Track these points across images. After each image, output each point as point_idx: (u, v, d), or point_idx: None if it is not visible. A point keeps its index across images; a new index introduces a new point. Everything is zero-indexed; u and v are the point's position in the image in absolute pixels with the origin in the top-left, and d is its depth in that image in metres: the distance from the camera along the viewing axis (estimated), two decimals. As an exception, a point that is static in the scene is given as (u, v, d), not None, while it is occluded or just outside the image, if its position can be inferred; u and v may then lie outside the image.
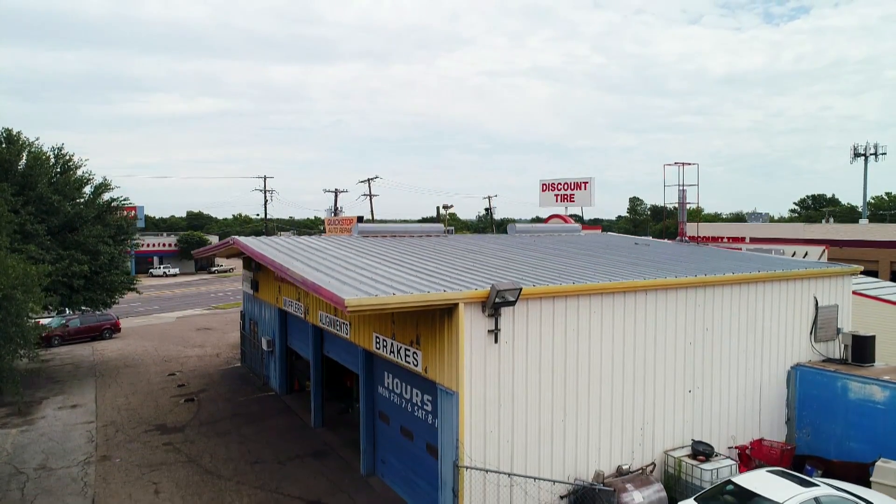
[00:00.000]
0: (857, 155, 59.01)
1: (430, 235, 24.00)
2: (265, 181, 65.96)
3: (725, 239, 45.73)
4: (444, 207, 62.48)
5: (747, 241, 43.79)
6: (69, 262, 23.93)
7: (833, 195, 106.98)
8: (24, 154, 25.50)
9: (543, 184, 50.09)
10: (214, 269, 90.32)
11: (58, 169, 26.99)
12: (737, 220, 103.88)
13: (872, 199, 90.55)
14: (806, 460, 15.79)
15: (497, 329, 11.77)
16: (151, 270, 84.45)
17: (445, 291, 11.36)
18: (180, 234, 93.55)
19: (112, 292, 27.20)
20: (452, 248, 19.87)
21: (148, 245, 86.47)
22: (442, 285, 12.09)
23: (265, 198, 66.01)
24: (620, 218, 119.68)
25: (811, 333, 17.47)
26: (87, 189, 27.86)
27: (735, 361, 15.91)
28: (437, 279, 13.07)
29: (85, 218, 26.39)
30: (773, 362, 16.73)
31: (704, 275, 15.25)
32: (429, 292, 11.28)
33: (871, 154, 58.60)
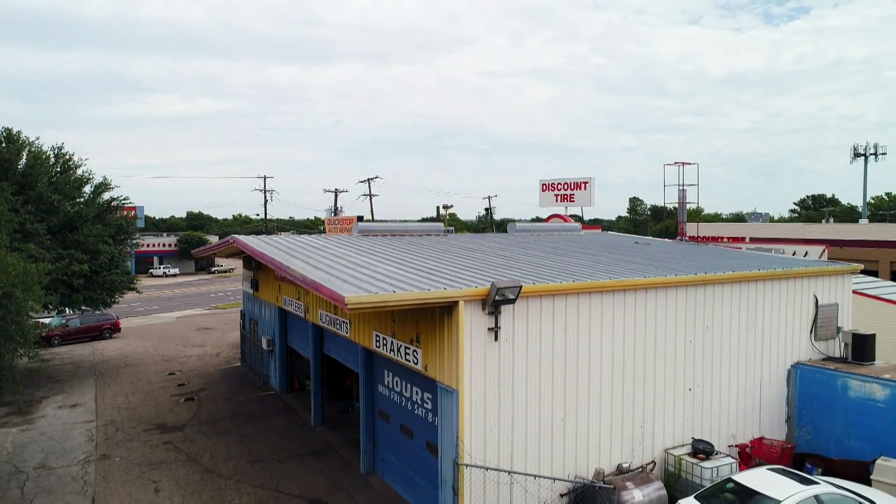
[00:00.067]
0: (857, 155, 58.99)
1: (430, 235, 23.99)
2: (265, 181, 66.02)
3: (725, 239, 45.72)
4: (444, 207, 62.44)
5: (747, 241, 43.79)
6: (69, 262, 23.91)
7: (833, 195, 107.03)
8: (24, 153, 25.49)
9: (543, 184, 50.01)
10: (214, 270, 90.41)
11: (58, 168, 26.98)
12: (737, 221, 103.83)
13: (872, 199, 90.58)
14: (806, 459, 15.78)
15: (497, 327, 11.77)
16: (151, 270, 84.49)
17: (445, 289, 11.37)
18: (180, 235, 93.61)
19: (112, 292, 27.21)
20: (452, 247, 19.87)
21: (148, 245, 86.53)
22: (442, 283, 12.09)
23: (265, 198, 66.05)
24: (620, 218, 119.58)
25: (811, 332, 17.47)
26: (87, 188, 27.88)
27: (735, 360, 15.91)
28: (438, 277, 13.07)
29: (85, 217, 26.38)
30: (774, 361, 16.72)
31: (704, 273, 15.24)
32: (429, 290, 11.28)
33: (871, 154, 58.58)
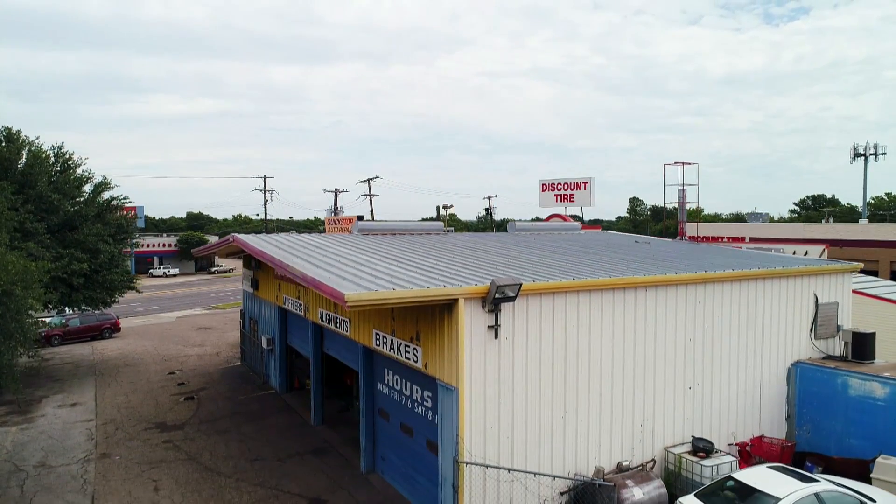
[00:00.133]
0: (857, 155, 58.97)
1: (430, 233, 23.99)
2: (265, 181, 65.98)
3: (725, 239, 45.72)
4: (444, 207, 62.46)
5: (747, 241, 43.78)
6: (69, 261, 23.90)
7: (833, 195, 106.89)
8: (24, 152, 25.48)
9: (543, 184, 49.97)
10: (214, 270, 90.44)
11: (57, 167, 26.96)
12: (737, 221, 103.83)
13: (872, 200, 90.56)
14: (806, 457, 15.78)
15: (497, 325, 11.76)
16: (151, 271, 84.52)
17: (445, 287, 11.36)
18: (180, 235, 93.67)
19: (112, 291, 27.20)
20: (452, 246, 19.87)
21: (148, 245, 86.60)
22: (442, 281, 12.08)
23: (265, 198, 66.00)
24: (620, 218, 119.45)
25: (811, 330, 17.46)
26: (87, 188, 27.86)
27: (735, 358, 15.90)
28: (437, 275, 13.07)
29: (85, 216, 26.38)
30: (774, 359, 16.72)
31: (704, 271, 15.23)
32: (429, 287, 11.28)
33: (871, 154, 58.56)
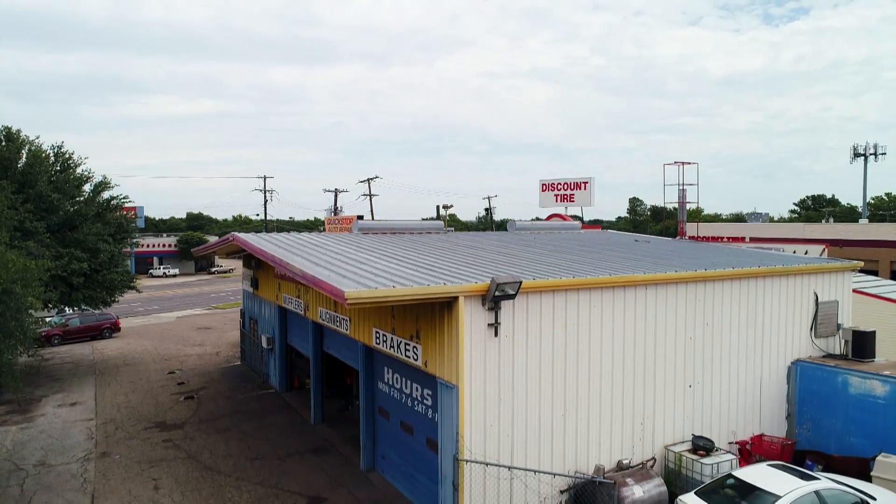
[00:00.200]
0: (857, 155, 58.97)
1: (430, 232, 23.99)
2: (265, 181, 65.94)
3: (725, 239, 45.73)
4: (444, 207, 62.46)
5: (747, 241, 43.79)
6: (68, 260, 23.89)
7: (833, 196, 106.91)
8: (24, 152, 25.48)
9: (543, 184, 49.93)
10: (214, 270, 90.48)
11: (57, 167, 26.96)
12: (737, 221, 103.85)
13: (872, 200, 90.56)
14: (806, 455, 15.77)
15: (497, 323, 11.76)
16: (151, 271, 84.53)
17: (445, 285, 11.36)
18: (180, 235, 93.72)
19: (112, 290, 27.19)
20: (452, 245, 19.86)
21: (148, 246, 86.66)
22: (442, 279, 12.08)
23: (265, 198, 65.97)
24: (620, 219, 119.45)
25: (811, 329, 17.46)
26: (87, 187, 27.86)
27: (735, 357, 15.89)
28: (437, 273, 13.06)
29: (85, 216, 26.37)
30: (774, 358, 16.71)
31: (704, 270, 15.23)
32: (429, 285, 11.27)
33: (871, 154, 58.54)
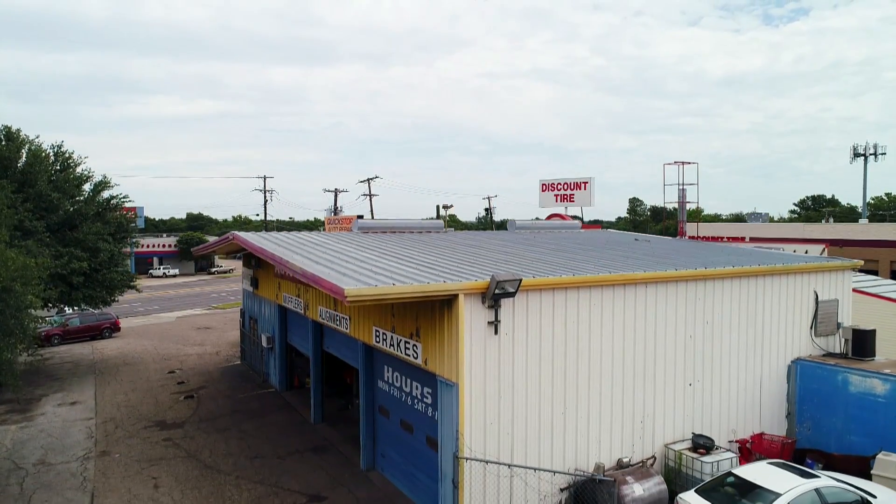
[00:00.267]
0: (857, 155, 58.97)
1: (430, 231, 23.98)
2: (265, 181, 65.95)
3: (725, 239, 45.72)
4: (444, 207, 62.48)
5: (747, 241, 43.78)
6: (68, 259, 23.88)
7: (833, 196, 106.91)
8: (24, 151, 25.47)
9: (543, 184, 49.84)
10: (214, 270, 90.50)
11: (57, 166, 26.95)
12: (737, 221, 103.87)
13: (872, 200, 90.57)
14: (806, 454, 15.76)
15: (497, 321, 11.75)
16: (151, 271, 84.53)
17: (445, 282, 11.34)
18: (180, 236, 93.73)
19: (111, 290, 27.16)
20: (452, 243, 19.86)
21: (148, 246, 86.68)
22: (442, 276, 12.07)
23: (265, 197, 65.98)
24: (620, 219, 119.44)
25: (811, 328, 17.45)
26: (87, 186, 27.85)
27: (735, 355, 15.88)
28: (437, 271, 13.05)
29: (84, 215, 26.36)
30: (774, 356, 16.70)
31: (705, 268, 15.23)
32: (429, 283, 11.26)
33: (871, 154, 58.54)
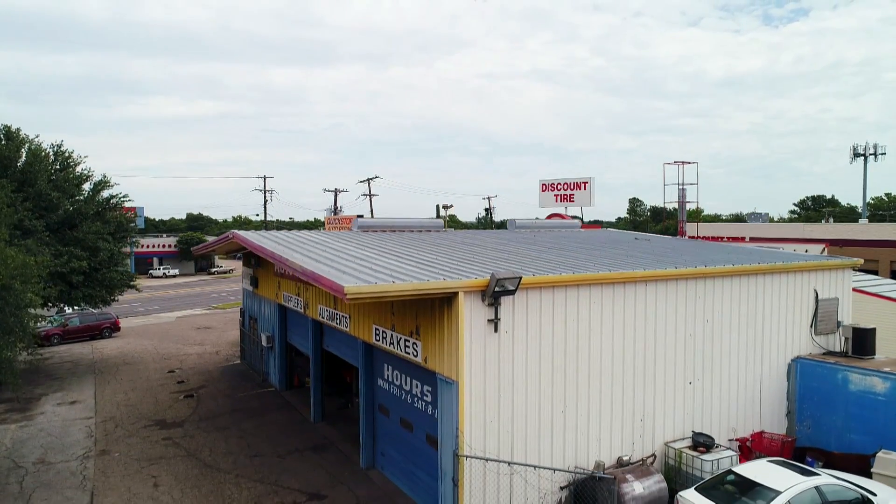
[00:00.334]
0: (857, 155, 59.01)
1: (430, 230, 23.98)
2: (265, 181, 65.94)
3: (725, 239, 45.73)
4: (444, 207, 62.49)
5: (747, 241, 43.81)
6: (68, 258, 23.88)
7: (833, 196, 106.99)
8: (24, 150, 25.46)
9: (543, 184, 49.87)
10: (214, 270, 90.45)
11: (57, 166, 26.95)
12: (737, 221, 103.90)
13: (872, 200, 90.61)
14: (807, 452, 15.75)
15: (497, 318, 11.74)
16: (151, 271, 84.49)
17: (445, 280, 11.34)
18: (180, 236, 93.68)
19: (111, 289, 27.15)
20: (452, 242, 19.86)
21: (147, 246, 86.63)
22: (441, 274, 12.07)
23: (265, 198, 65.97)
24: (620, 219, 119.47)
25: (811, 326, 17.45)
26: (87, 186, 27.84)
27: (735, 354, 15.88)
28: (437, 269, 13.05)
29: (84, 214, 26.35)
30: (774, 355, 16.70)
31: (704, 266, 15.22)
32: (428, 281, 11.26)
33: (871, 154, 58.58)
